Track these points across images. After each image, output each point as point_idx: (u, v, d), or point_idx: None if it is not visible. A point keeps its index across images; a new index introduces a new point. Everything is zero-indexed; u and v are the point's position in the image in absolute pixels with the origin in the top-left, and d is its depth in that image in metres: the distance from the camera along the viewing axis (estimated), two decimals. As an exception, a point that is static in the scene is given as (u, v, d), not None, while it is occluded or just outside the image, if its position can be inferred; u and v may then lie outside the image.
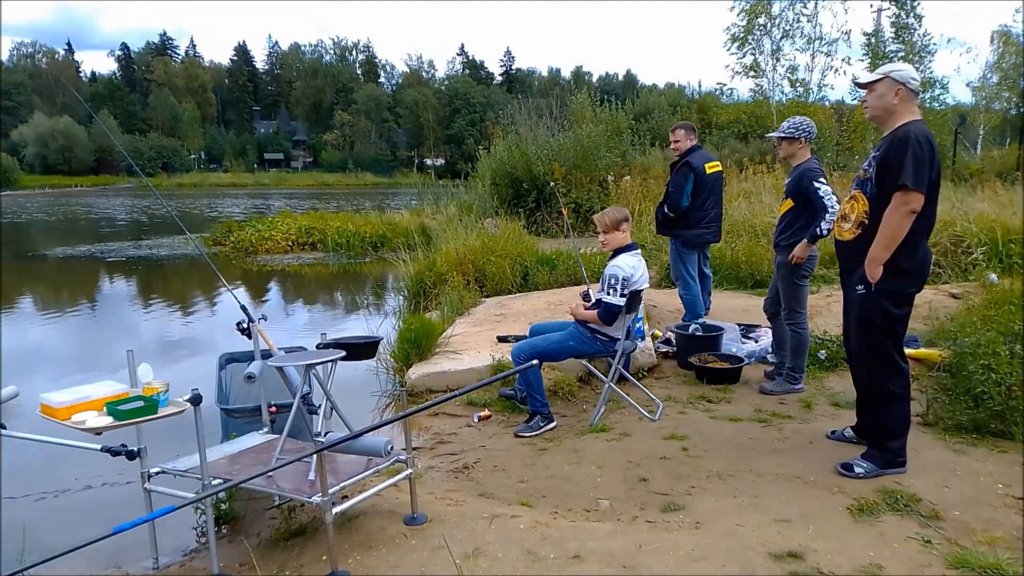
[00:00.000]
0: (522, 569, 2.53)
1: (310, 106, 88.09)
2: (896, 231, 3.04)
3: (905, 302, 3.24)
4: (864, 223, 3.22)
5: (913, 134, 3.06)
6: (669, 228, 5.99)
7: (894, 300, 3.18)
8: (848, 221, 3.32)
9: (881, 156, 3.16)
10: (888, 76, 3.19)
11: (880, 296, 3.16)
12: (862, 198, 3.24)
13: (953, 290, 6.75)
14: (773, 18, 18.87)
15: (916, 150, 3.01)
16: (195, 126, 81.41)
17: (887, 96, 3.19)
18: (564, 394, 4.88)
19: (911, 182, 2.99)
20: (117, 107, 76.42)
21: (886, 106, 3.20)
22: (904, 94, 3.17)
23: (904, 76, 3.17)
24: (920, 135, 3.06)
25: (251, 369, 3.11)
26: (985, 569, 2.45)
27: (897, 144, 3.08)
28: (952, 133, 16.79)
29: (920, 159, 3.01)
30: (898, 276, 3.13)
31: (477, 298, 7.85)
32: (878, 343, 3.25)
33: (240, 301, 3.49)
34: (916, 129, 3.09)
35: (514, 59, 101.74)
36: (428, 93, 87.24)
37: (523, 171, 13.87)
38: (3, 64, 76.38)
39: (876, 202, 3.16)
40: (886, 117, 3.23)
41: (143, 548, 3.10)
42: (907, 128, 3.11)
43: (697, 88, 64.66)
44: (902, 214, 3.03)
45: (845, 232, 3.33)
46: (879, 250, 3.08)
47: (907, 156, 3.01)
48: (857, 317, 3.30)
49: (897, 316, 3.22)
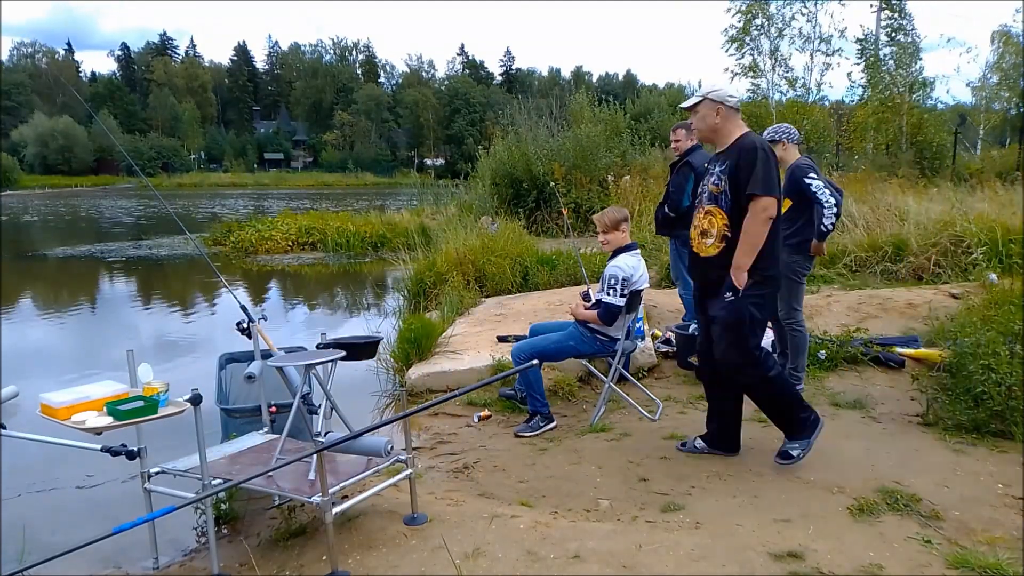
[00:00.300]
0: (522, 569, 2.53)
1: (310, 106, 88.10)
2: (756, 238, 3.18)
3: (768, 307, 3.40)
4: (727, 236, 3.30)
5: (759, 144, 3.24)
6: (669, 228, 5.98)
7: (759, 305, 3.30)
8: (710, 236, 3.38)
9: (730, 169, 3.27)
10: (706, 98, 3.35)
11: (748, 302, 3.26)
12: (719, 212, 3.32)
13: (953, 290, 6.74)
14: (770, 18, 18.87)
15: (763, 158, 3.18)
16: (195, 126, 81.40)
17: (709, 116, 3.36)
18: (564, 394, 4.88)
19: (762, 190, 3.14)
20: (117, 107, 76.40)
21: (709, 125, 3.38)
22: (724, 112, 3.34)
23: (721, 96, 3.34)
24: (765, 144, 3.27)
25: (251, 369, 3.11)
26: (985, 569, 2.45)
27: (745, 154, 3.23)
28: (952, 133, 16.80)
29: (768, 168, 3.17)
30: (763, 283, 3.28)
31: (477, 298, 7.85)
32: (745, 347, 3.34)
33: (240, 301, 3.49)
34: (758, 139, 3.30)
35: (514, 59, 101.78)
36: (428, 93, 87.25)
37: (523, 171, 13.87)
38: (3, 64, 76.43)
39: (733, 214, 3.27)
40: (712, 135, 3.41)
41: (143, 548, 3.10)
42: (750, 139, 3.29)
43: (697, 88, 64.58)
44: (760, 221, 3.16)
45: (709, 248, 3.38)
46: (743, 257, 3.21)
47: (757, 165, 3.16)
48: (726, 324, 3.34)
49: (760, 320, 3.37)
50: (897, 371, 4.98)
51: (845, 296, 6.87)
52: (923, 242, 8.23)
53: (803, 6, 18.59)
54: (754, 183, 3.15)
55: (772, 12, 18.74)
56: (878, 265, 8.30)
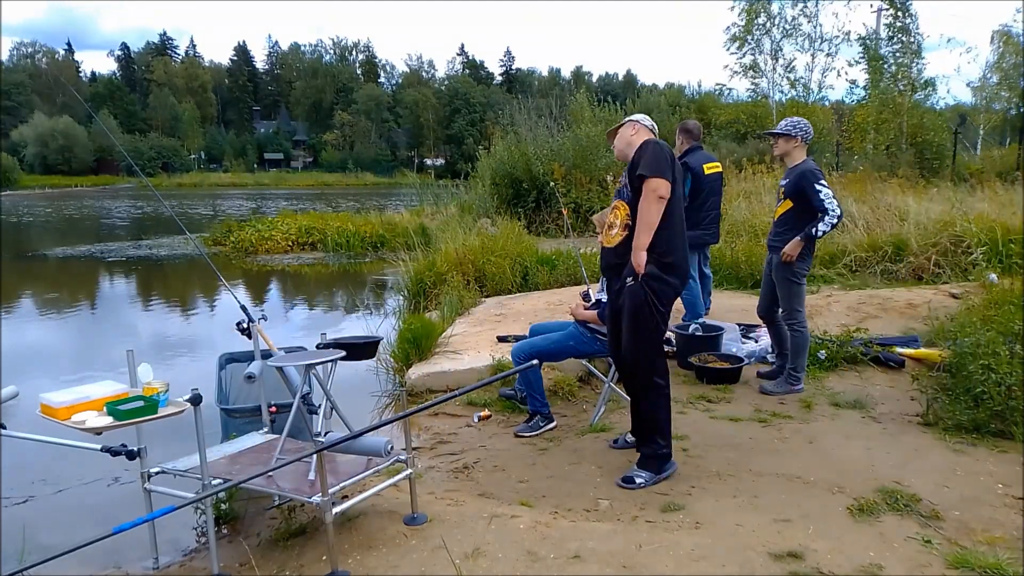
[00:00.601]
0: (522, 569, 2.53)
1: (310, 106, 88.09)
2: (650, 216, 3.30)
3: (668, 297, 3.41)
4: (628, 224, 3.45)
5: (649, 142, 3.47)
6: None
7: (658, 293, 3.35)
8: (614, 228, 3.54)
9: (630, 167, 3.49)
10: (629, 120, 3.72)
11: (646, 286, 3.33)
12: (623, 205, 3.51)
13: (953, 290, 6.75)
14: (772, 17, 18.89)
15: (653, 149, 3.39)
16: (195, 126, 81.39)
17: (625, 135, 3.66)
18: (564, 394, 4.88)
19: (649, 172, 3.31)
20: (117, 107, 76.40)
21: (627, 141, 3.64)
22: (640, 128, 3.65)
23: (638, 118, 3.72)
24: (653, 142, 3.47)
25: (251, 369, 3.11)
26: (985, 569, 2.45)
27: (638, 151, 3.45)
28: (952, 133, 16.80)
29: (657, 155, 3.35)
30: (662, 269, 3.35)
31: (477, 298, 7.85)
32: (646, 336, 3.40)
33: (240, 301, 3.48)
34: (650, 140, 3.52)
35: (514, 59, 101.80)
36: (428, 93, 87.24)
37: (523, 171, 13.87)
38: (3, 64, 76.44)
39: (634, 204, 3.42)
40: (627, 150, 3.61)
41: (143, 548, 3.10)
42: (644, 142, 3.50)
43: (697, 88, 64.65)
44: (652, 199, 3.30)
45: (613, 237, 3.54)
46: (640, 237, 3.32)
47: (645, 154, 3.37)
48: (628, 310, 3.40)
49: (661, 312, 3.38)
50: (897, 371, 4.98)
51: (845, 296, 6.88)
52: (923, 242, 8.24)
53: (804, 6, 18.62)
54: (643, 167, 3.33)
55: (775, 12, 18.76)
56: (878, 265, 8.31)
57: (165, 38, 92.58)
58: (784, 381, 4.69)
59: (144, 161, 67.35)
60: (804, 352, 4.65)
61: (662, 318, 3.41)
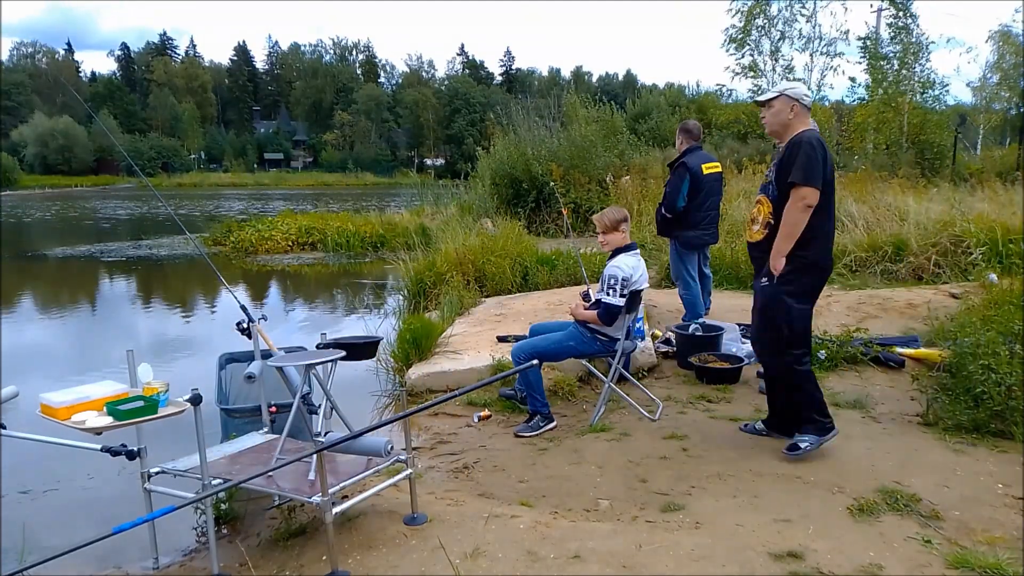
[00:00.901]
0: (522, 569, 2.53)
1: (310, 106, 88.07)
2: (794, 226, 3.32)
3: (806, 293, 3.47)
4: (770, 223, 3.47)
5: (805, 139, 3.36)
6: (668, 229, 5.98)
7: (795, 292, 3.42)
8: (756, 223, 3.57)
9: (779, 161, 3.45)
10: (783, 94, 3.49)
11: (783, 287, 3.40)
12: (766, 201, 3.51)
13: (953, 290, 6.75)
14: (771, 19, 18.88)
15: (809, 151, 3.30)
16: (195, 126, 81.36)
17: (783, 112, 3.47)
18: (564, 394, 4.88)
19: (801, 179, 3.28)
20: (117, 107, 76.35)
21: (782, 121, 3.49)
22: (799, 109, 3.46)
23: (797, 93, 3.48)
24: (812, 139, 3.36)
25: (251, 369, 3.11)
26: (985, 569, 2.45)
27: (791, 149, 3.38)
28: (952, 133, 16.80)
29: (811, 158, 3.29)
30: (801, 269, 3.39)
31: (477, 298, 7.85)
32: (783, 332, 3.47)
33: (240, 301, 3.48)
34: (807, 135, 3.39)
35: (514, 59, 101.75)
36: (428, 93, 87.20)
37: (522, 171, 13.87)
38: (3, 64, 76.42)
39: (778, 203, 3.42)
40: (781, 130, 3.51)
41: (143, 548, 3.10)
42: (800, 135, 3.41)
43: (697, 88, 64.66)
44: (798, 208, 3.30)
45: (754, 234, 3.58)
46: (780, 243, 3.36)
47: (799, 157, 3.31)
48: (761, 308, 3.53)
49: (797, 309, 3.45)
50: (897, 371, 4.98)
51: (845, 296, 6.87)
52: (923, 242, 8.23)
53: (802, 7, 18.61)
54: (795, 173, 3.29)
55: (773, 13, 18.75)
56: (878, 265, 8.30)
57: (165, 38, 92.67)
58: None
59: (144, 161, 67.30)
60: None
61: (801, 314, 3.47)
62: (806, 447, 3.50)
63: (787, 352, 3.50)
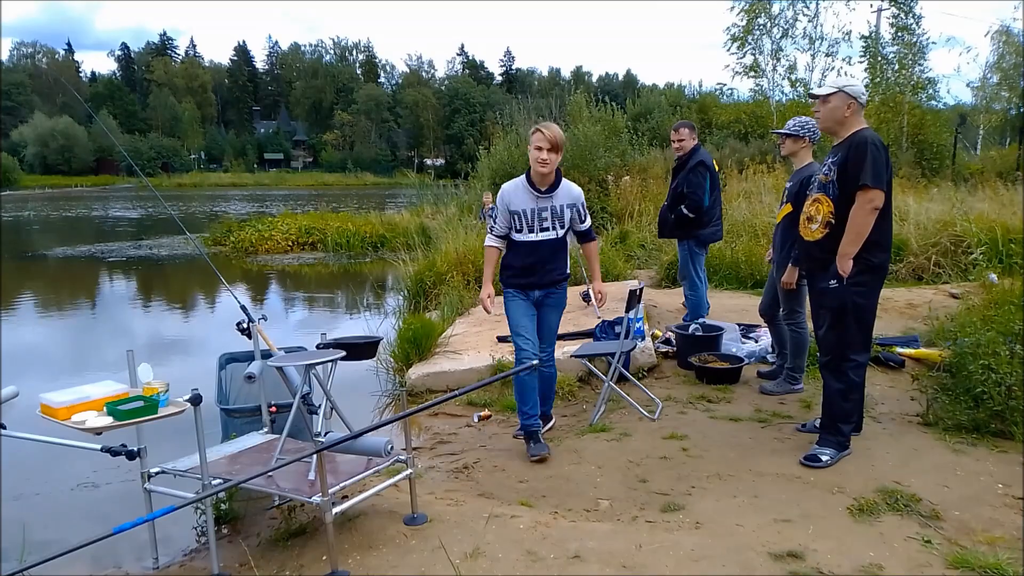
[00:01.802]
0: (522, 569, 2.53)
1: (310, 106, 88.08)
2: (862, 227, 3.30)
3: (873, 294, 3.49)
4: (831, 223, 3.44)
5: (870, 139, 3.33)
6: (684, 229, 5.91)
7: (864, 293, 3.42)
8: (815, 222, 3.54)
9: (841, 160, 3.40)
10: (842, 90, 3.45)
11: (851, 290, 3.38)
12: (826, 200, 3.47)
13: (953, 290, 6.75)
14: (773, 18, 18.87)
15: (875, 152, 3.28)
16: (195, 126, 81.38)
17: (840, 109, 3.44)
18: (564, 394, 4.88)
19: (871, 181, 3.25)
20: (117, 107, 76.34)
21: (837, 118, 3.46)
22: (855, 107, 3.44)
23: (856, 91, 3.46)
24: (876, 139, 3.35)
25: (251, 369, 3.12)
26: (985, 569, 2.45)
27: (856, 148, 3.33)
28: (952, 133, 16.80)
29: (878, 160, 3.28)
30: (868, 271, 3.38)
31: (477, 298, 7.85)
32: (848, 335, 3.47)
33: (240, 301, 3.48)
34: (871, 134, 3.38)
35: (514, 59, 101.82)
36: (428, 93, 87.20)
37: (522, 171, 13.85)
38: (3, 64, 76.42)
39: (840, 203, 3.40)
40: (836, 128, 3.49)
41: (143, 548, 3.10)
42: (863, 134, 3.38)
43: (697, 88, 64.64)
44: (867, 211, 3.28)
45: (814, 232, 3.54)
46: (848, 246, 3.33)
47: (867, 158, 3.27)
48: (831, 309, 3.49)
49: (867, 307, 3.47)
50: (897, 371, 4.98)
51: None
52: (923, 242, 8.24)
53: (805, 6, 18.61)
54: (865, 175, 3.26)
55: (775, 12, 18.75)
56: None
57: (165, 38, 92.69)
58: (784, 381, 4.69)
59: (144, 161, 67.32)
60: (804, 352, 4.65)
61: (868, 313, 3.49)
62: (826, 461, 3.46)
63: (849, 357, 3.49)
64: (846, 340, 3.49)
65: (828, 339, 3.54)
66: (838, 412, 3.54)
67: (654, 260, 9.59)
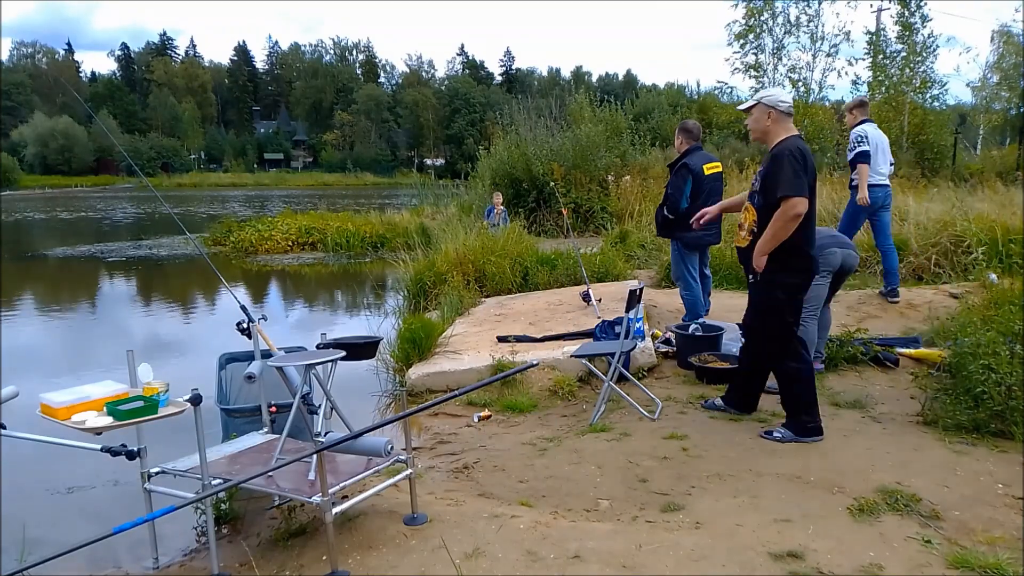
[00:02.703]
0: (522, 569, 2.53)
1: (310, 106, 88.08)
2: (780, 232, 3.52)
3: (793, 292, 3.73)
4: (754, 231, 3.69)
5: (787, 149, 3.53)
6: (668, 230, 5.96)
7: (786, 290, 3.68)
8: (743, 229, 3.82)
9: (763, 171, 3.65)
10: (760, 101, 3.66)
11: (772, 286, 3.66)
12: (752, 209, 3.74)
13: (953, 290, 6.74)
14: (775, 16, 18.85)
15: (791, 163, 3.48)
16: (195, 126, 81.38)
17: (761, 119, 3.66)
18: (564, 394, 4.88)
19: (789, 191, 3.46)
20: (117, 107, 76.35)
21: (762, 128, 3.68)
22: (776, 115, 3.62)
23: (773, 100, 3.64)
24: (793, 149, 3.53)
25: (251, 369, 3.12)
26: (985, 569, 2.45)
27: (774, 160, 3.56)
28: (952, 133, 16.80)
29: (795, 170, 3.47)
30: (790, 271, 3.64)
31: (477, 298, 7.86)
32: (770, 328, 3.77)
33: (240, 301, 3.48)
34: (790, 144, 3.56)
35: (514, 59, 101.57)
36: (428, 93, 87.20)
37: (523, 171, 13.87)
38: (3, 64, 76.42)
39: (763, 212, 3.63)
40: (763, 137, 3.71)
41: (143, 548, 3.10)
42: (783, 144, 3.58)
43: (697, 88, 64.66)
44: (788, 218, 3.49)
45: (741, 240, 3.84)
46: (763, 245, 3.59)
47: (783, 170, 3.48)
48: (752, 302, 3.85)
49: (787, 304, 3.71)
50: (897, 371, 4.97)
51: (845, 296, 6.86)
52: (923, 242, 8.23)
53: (807, 6, 18.59)
54: (781, 187, 3.47)
55: (778, 11, 18.72)
56: (878, 265, 8.29)
57: (165, 38, 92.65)
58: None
59: (144, 161, 67.31)
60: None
61: (789, 309, 3.72)
62: (779, 437, 3.74)
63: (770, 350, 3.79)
64: (771, 334, 3.76)
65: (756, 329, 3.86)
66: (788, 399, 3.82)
67: (654, 260, 9.59)
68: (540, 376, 5.08)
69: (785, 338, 3.76)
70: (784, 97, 3.67)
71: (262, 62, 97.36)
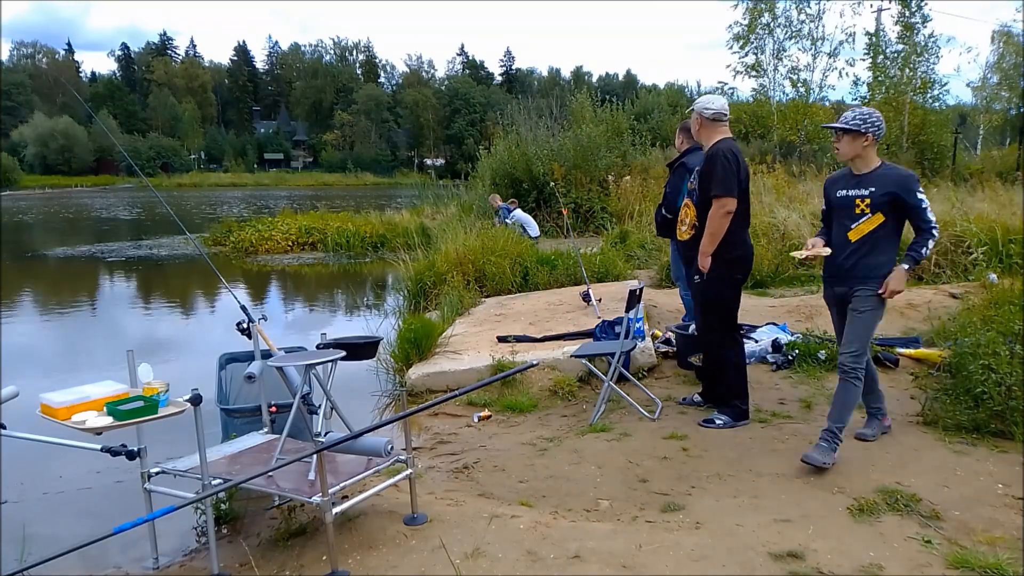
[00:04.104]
0: (522, 569, 2.53)
1: (310, 106, 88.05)
2: (716, 230, 3.82)
3: (734, 285, 4.03)
4: (695, 225, 4.02)
5: (721, 151, 3.82)
6: (668, 230, 5.95)
7: (726, 284, 3.97)
8: (684, 224, 4.17)
9: (701, 171, 3.96)
10: (693, 109, 4.03)
11: (714, 282, 3.93)
12: (691, 206, 4.08)
13: (953, 290, 6.74)
14: (776, 17, 18.87)
15: (724, 164, 3.77)
16: (195, 126, 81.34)
17: (694, 125, 4.05)
18: (564, 394, 4.88)
19: (721, 191, 3.77)
20: (117, 107, 76.31)
21: (697, 133, 4.06)
22: (704, 121, 3.94)
23: (700, 107, 3.95)
24: (726, 151, 3.81)
25: (251, 369, 3.11)
26: (985, 569, 2.45)
27: (709, 160, 3.86)
28: (952, 133, 16.80)
29: (728, 170, 3.75)
30: (726, 265, 3.89)
31: (477, 298, 7.85)
32: (715, 322, 4.06)
33: (240, 301, 3.48)
34: (723, 146, 3.85)
35: (514, 59, 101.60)
36: (428, 93, 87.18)
37: (523, 171, 13.88)
38: (3, 64, 76.41)
39: (701, 208, 3.94)
40: (702, 141, 4.04)
41: (143, 548, 3.10)
42: (718, 146, 3.87)
43: (697, 88, 64.65)
44: (720, 215, 3.79)
45: (683, 233, 4.18)
46: (705, 246, 3.87)
47: (716, 169, 3.78)
48: (699, 301, 4.13)
49: (729, 297, 4.01)
50: (897, 371, 4.97)
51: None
52: (923, 242, 8.22)
53: (807, 6, 18.61)
54: (715, 186, 3.78)
55: (779, 12, 18.74)
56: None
57: (165, 38, 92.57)
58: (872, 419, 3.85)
59: (144, 161, 67.28)
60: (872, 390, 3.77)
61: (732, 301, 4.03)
62: (720, 424, 4.01)
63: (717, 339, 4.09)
64: (711, 325, 4.08)
65: (702, 329, 4.21)
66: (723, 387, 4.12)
67: (654, 260, 9.59)
68: (540, 376, 5.08)
69: (729, 328, 4.07)
70: (710, 104, 3.93)
71: (262, 62, 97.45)
